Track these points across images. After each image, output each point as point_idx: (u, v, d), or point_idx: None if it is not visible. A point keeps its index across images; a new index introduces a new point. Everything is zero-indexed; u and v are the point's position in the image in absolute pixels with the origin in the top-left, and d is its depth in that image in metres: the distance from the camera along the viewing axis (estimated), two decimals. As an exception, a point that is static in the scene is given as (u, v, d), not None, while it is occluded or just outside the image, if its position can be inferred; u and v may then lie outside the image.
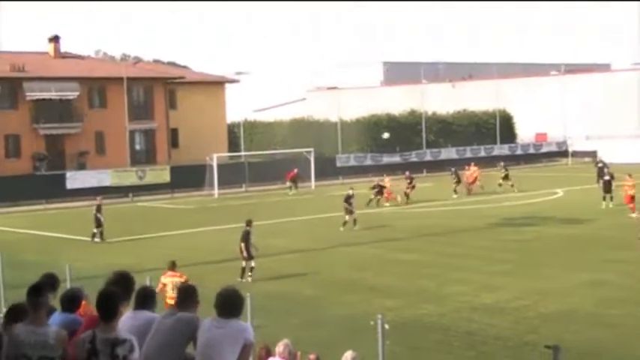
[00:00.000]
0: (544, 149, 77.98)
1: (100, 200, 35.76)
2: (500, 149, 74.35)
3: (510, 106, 79.58)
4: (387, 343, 12.79)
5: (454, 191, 48.27)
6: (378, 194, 44.18)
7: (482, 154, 71.58)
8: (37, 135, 58.68)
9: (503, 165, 51.91)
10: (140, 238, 35.03)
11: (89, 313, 8.54)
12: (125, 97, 59.10)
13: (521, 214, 38.93)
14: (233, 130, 74.05)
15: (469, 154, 70.34)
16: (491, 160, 70.20)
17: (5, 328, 7.40)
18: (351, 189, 37.36)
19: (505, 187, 49.39)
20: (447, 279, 24.29)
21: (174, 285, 18.75)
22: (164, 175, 56.33)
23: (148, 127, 63.67)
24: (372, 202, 43.49)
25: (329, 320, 19.66)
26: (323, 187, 57.19)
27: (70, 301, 8.22)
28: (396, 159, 66.56)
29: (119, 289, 7.22)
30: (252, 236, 25.13)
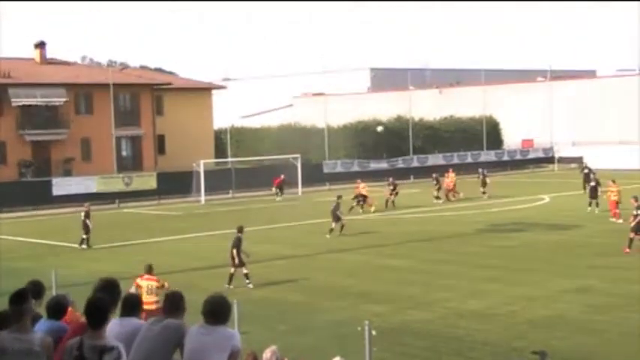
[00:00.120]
0: (530, 155, 78.21)
1: (88, 206, 35.64)
2: (487, 155, 74.56)
3: (497, 112, 79.82)
4: (374, 349, 12.80)
5: (436, 197, 48.59)
6: (360, 202, 44.24)
7: (469, 160, 71.73)
8: (23, 141, 58.42)
9: (482, 171, 52.02)
10: (126, 244, 34.91)
11: (75, 320, 8.51)
12: (112, 104, 58.95)
13: (508, 220, 39.04)
14: (220, 137, 73.97)
15: (456, 160, 70.51)
16: (478, 167, 70.35)
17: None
18: (339, 197, 37.35)
19: (485, 192, 49.75)
20: (434, 285, 24.32)
21: (149, 289, 18.78)
22: (151, 182, 56.19)
23: (134, 134, 63.52)
24: (353, 209, 43.47)
25: (316, 327, 19.65)
26: (310, 193, 57.19)
27: (56, 309, 8.18)
28: (383, 165, 66.61)
29: (106, 296, 7.20)
30: (243, 243, 25.06)
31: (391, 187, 46.82)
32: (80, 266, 28.87)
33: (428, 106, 79.98)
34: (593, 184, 41.53)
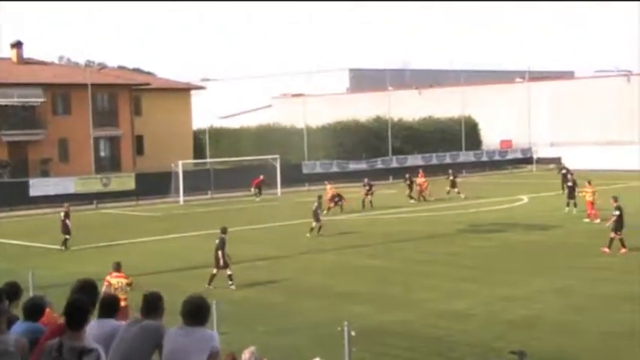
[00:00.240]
0: (509, 156, 78.61)
1: (68, 207, 35.44)
2: (466, 156, 74.89)
3: (476, 113, 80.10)
4: (354, 349, 12.80)
5: (409, 197, 48.83)
6: (338, 202, 44.31)
7: (448, 160, 71.95)
8: (-1, 142, 58.02)
9: (451, 172, 52.20)
10: (105, 245, 34.69)
11: (53, 321, 8.43)
12: (90, 104, 58.56)
13: (487, 220, 39.20)
14: (199, 137, 73.70)
15: (435, 160, 70.77)
16: (457, 167, 70.64)
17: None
18: (320, 197, 37.61)
19: (452, 194, 50.09)
20: (414, 285, 24.35)
21: (120, 286, 18.86)
22: (129, 183, 55.93)
23: (112, 134, 63.19)
24: (330, 210, 43.49)
25: (296, 327, 19.63)
26: (289, 193, 57.14)
27: (33, 310, 8.10)
28: (363, 166, 66.68)
29: (85, 297, 7.15)
30: (226, 244, 25.01)
31: (367, 188, 47.17)
32: (58, 267, 28.66)
33: (407, 107, 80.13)
34: (570, 184, 41.78)
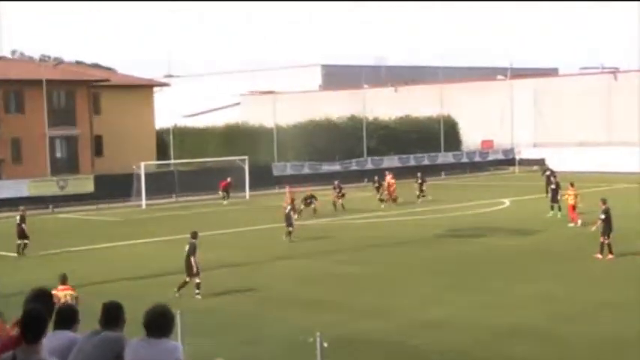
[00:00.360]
0: (490, 157, 78.85)
1: (24, 210, 35.20)
2: (445, 157, 75.12)
3: (455, 112, 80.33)
4: (328, 361, 12.78)
5: (380, 200, 49.27)
6: (310, 203, 44.56)
7: (426, 162, 72.24)
8: (-53, 142, 57.40)
9: (419, 175, 52.40)
10: (61, 252, 34.41)
11: (5, 333, 8.31)
12: (45, 102, 58.07)
13: (467, 224, 39.37)
14: (162, 137, 73.39)
15: (412, 162, 70.91)
16: (436, 169, 70.98)
17: None
18: (292, 200, 37.93)
19: (424, 195, 50.49)
20: (390, 292, 24.39)
21: (66, 299, 18.73)
22: (88, 185, 55.56)
23: (69, 134, 62.69)
24: (302, 212, 43.66)
25: (266, 337, 19.57)
26: (258, 196, 57.04)
27: (-18, 321, 7.98)
28: (336, 167, 66.73)
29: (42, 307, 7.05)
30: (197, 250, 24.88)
31: (337, 190, 47.41)
32: (10, 275, 28.36)
33: (383, 105, 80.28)
34: (553, 187, 41.98)
